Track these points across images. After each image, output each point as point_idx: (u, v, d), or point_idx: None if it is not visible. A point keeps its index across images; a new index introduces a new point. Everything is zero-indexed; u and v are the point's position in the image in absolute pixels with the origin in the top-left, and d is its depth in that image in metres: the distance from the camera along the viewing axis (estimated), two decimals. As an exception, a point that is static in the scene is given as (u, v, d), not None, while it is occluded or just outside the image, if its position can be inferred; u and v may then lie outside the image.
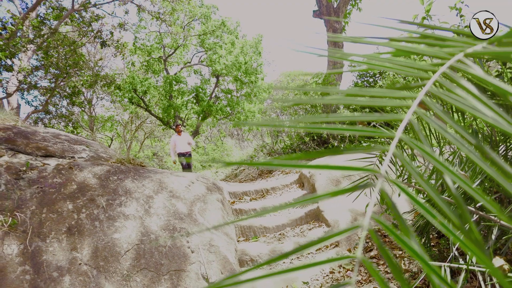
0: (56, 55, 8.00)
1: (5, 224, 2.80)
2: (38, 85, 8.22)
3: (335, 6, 8.68)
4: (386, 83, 8.81)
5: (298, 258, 3.57)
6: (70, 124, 9.83)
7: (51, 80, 8.58)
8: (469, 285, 2.29)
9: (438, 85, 0.34)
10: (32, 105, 9.16)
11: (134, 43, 12.98)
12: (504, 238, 1.87)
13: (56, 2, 9.09)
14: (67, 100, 9.26)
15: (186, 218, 3.61)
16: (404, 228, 0.27)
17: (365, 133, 0.33)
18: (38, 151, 3.92)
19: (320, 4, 8.73)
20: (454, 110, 1.92)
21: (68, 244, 2.91)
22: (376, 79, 9.49)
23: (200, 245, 3.33)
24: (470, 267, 1.44)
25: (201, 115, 12.98)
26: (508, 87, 0.29)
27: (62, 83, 8.59)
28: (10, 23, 7.15)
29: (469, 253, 0.25)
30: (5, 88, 7.91)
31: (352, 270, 3.20)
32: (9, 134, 3.97)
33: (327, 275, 3.23)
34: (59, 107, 10.07)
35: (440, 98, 0.32)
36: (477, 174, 1.73)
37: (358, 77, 10.01)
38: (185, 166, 7.81)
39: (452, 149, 2.24)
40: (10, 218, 2.86)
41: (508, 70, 2.19)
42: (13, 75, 7.58)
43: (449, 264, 1.45)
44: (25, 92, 8.73)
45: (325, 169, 0.31)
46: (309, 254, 3.64)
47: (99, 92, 16.35)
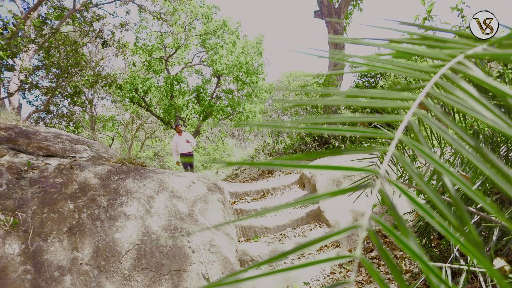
0: (58, 55, 8.02)
1: (7, 224, 2.81)
2: (40, 85, 8.24)
3: (337, 7, 8.67)
4: (387, 84, 8.80)
5: (299, 258, 3.57)
6: (71, 124, 9.84)
7: (53, 80, 8.59)
8: (470, 286, 2.29)
9: (439, 87, 0.34)
10: (34, 105, 9.18)
11: (135, 43, 13.01)
12: (505, 239, 1.86)
13: (58, 2, 9.11)
14: (68, 100, 9.27)
15: (187, 218, 3.61)
16: (403, 229, 0.27)
17: (366, 134, 0.33)
18: (40, 151, 3.93)
19: (322, 5, 8.72)
20: (456, 111, 1.92)
21: (69, 244, 2.92)
22: (377, 80, 9.49)
23: (201, 245, 3.34)
24: (471, 268, 1.44)
25: (202, 115, 12.99)
26: (507, 89, 0.29)
27: (64, 83, 8.60)
28: (12, 23, 7.18)
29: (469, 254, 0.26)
30: (7, 88, 7.93)
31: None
32: (11, 134, 3.98)
33: (328, 276, 3.23)
34: (60, 107, 10.09)
35: (441, 99, 0.32)
36: (478, 175, 1.73)
37: (359, 78, 10.01)
38: (187, 166, 7.81)
39: (453, 150, 2.23)
40: (12, 218, 2.86)
41: (510, 71, 2.19)
42: (15, 75, 7.60)
43: (450, 265, 1.45)
44: (27, 92, 8.76)
45: (326, 170, 0.32)
46: (310, 255, 3.64)
47: (100, 92, 16.39)
